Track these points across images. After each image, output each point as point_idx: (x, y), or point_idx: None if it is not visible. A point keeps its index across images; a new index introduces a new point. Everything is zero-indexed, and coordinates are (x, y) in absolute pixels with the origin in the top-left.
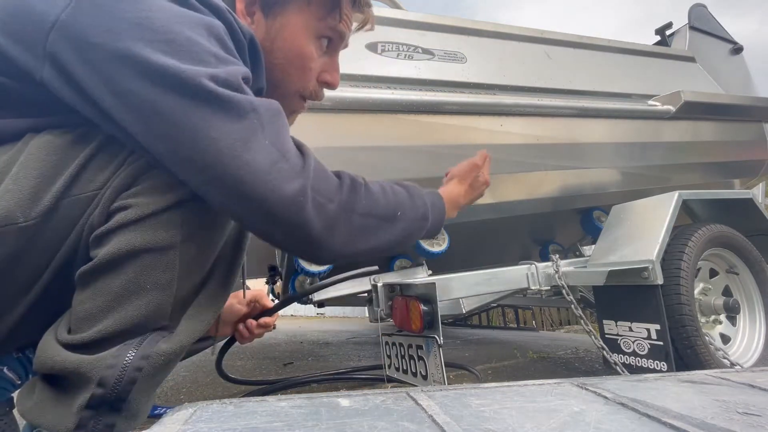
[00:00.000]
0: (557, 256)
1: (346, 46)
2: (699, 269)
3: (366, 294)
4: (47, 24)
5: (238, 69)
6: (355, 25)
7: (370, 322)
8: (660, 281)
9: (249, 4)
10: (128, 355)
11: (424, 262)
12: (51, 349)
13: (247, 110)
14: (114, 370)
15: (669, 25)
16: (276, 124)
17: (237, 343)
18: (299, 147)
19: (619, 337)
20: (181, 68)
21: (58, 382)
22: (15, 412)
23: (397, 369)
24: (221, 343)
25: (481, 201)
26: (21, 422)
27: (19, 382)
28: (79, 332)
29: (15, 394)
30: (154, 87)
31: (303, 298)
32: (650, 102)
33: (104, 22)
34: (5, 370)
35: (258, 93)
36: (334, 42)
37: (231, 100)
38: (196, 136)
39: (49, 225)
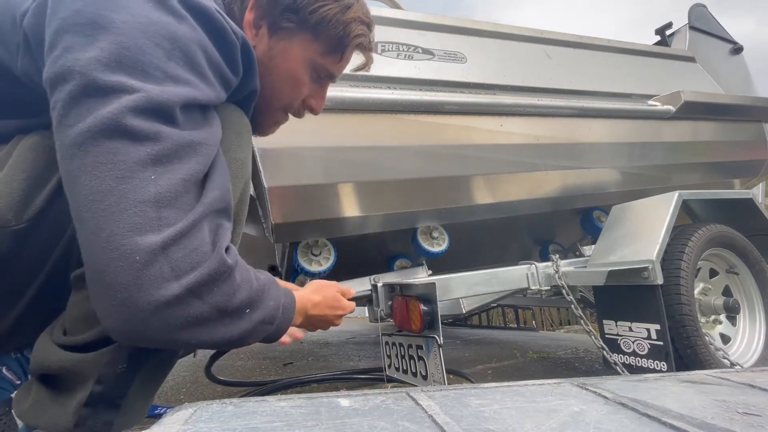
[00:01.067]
0: (557, 256)
1: (334, 81)
2: (699, 269)
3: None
4: (20, 15)
5: (181, 94)
6: (357, 62)
7: (370, 322)
8: (660, 281)
9: (258, 18)
10: (126, 351)
11: (424, 262)
12: (47, 350)
13: (145, 140)
14: (112, 367)
15: (669, 25)
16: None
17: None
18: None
19: (619, 337)
20: (98, 79)
21: (55, 382)
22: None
23: (397, 369)
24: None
25: (481, 201)
26: (20, 422)
27: (19, 382)
28: (75, 334)
29: (14, 395)
30: (81, 98)
31: None
32: (650, 102)
33: (67, 11)
34: (4, 370)
35: (252, 95)
36: (326, 76)
37: (135, 129)
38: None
39: (42, 227)
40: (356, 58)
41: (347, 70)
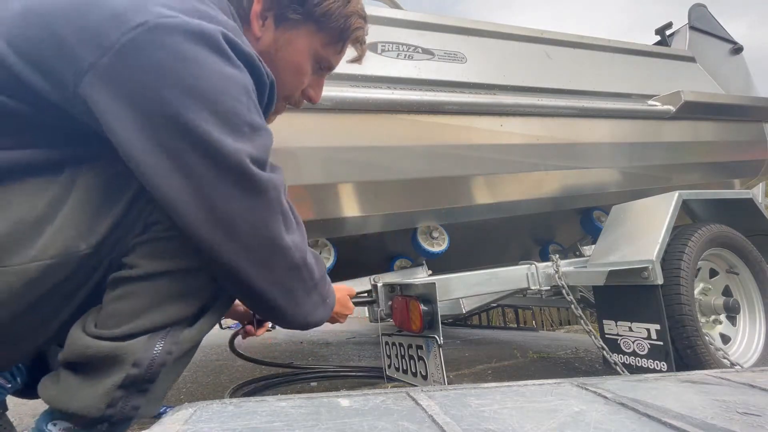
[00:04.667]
0: (557, 256)
1: (331, 70)
2: (699, 269)
3: (366, 294)
4: (83, 65)
5: (265, 143)
6: (351, 56)
7: (370, 322)
8: (660, 281)
9: (265, 9)
10: (158, 341)
11: (424, 262)
12: (82, 339)
13: (269, 188)
14: (148, 353)
15: (669, 25)
16: (284, 196)
17: (242, 340)
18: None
19: (619, 337)
20: (226, 146)
21: (84, 368)
22: (11, 412)
23: (397, 369)
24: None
25: (481, 201)
26: (21, 422)
27: (9, 386)
28: (109, 327)
29: (9, 397)
30: (200, 156)
31: None
32: (650, 102)
33: (151, 78)
34: None
35: (270, 90)
36: (326, 67)
37: (260, 180)
38: (229, 207)
39: (102, 252)
40: (350, 52)
41: (350, 69)
